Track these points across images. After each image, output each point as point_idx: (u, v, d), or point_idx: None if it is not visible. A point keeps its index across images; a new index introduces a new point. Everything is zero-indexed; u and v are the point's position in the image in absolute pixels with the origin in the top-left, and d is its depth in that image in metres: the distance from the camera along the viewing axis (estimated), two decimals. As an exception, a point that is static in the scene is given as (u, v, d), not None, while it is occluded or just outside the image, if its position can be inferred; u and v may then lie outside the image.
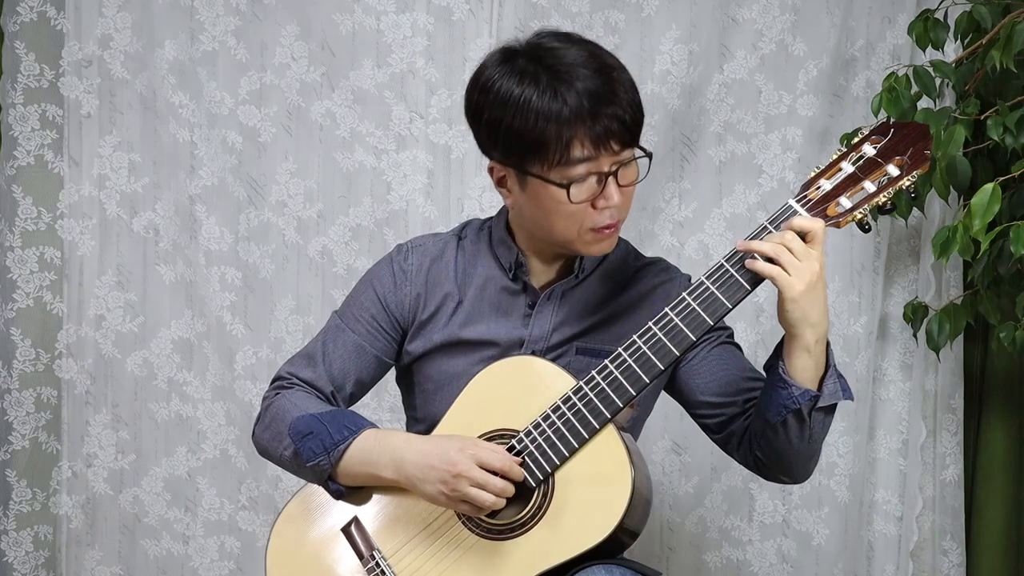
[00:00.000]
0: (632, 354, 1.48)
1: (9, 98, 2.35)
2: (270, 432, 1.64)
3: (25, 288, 2.39)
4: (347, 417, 1.60)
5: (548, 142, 1.47)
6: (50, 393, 2.43)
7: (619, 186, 1.51)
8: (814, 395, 1.47)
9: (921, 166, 1.43)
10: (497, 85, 1.51)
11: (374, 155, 2.40)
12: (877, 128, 1.47)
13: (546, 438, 1.50)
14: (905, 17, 2.34)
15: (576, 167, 1.48)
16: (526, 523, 1.50)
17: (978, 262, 2.16)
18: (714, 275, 1.47)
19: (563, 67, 1.48)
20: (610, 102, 1.47)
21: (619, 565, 1.50)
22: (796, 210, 1.45)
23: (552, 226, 1.54)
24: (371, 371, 1.70)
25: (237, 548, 2.46)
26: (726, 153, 2.40)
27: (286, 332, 2.41)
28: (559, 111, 1.46)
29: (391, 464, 1.54)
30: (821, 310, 1.43)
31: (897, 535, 2.43)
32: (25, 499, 2.41)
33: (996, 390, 2.37)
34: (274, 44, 2.38)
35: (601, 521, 1.46)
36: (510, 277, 1.65)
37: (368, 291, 1.69)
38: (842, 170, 1.46)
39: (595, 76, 1.47)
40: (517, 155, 1.51)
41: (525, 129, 1.48)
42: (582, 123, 1.46)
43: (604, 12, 2.36)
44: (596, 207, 1.51)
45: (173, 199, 2.41)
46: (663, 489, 2.41)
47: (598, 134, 1.47)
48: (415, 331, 1.67)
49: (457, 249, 1.69)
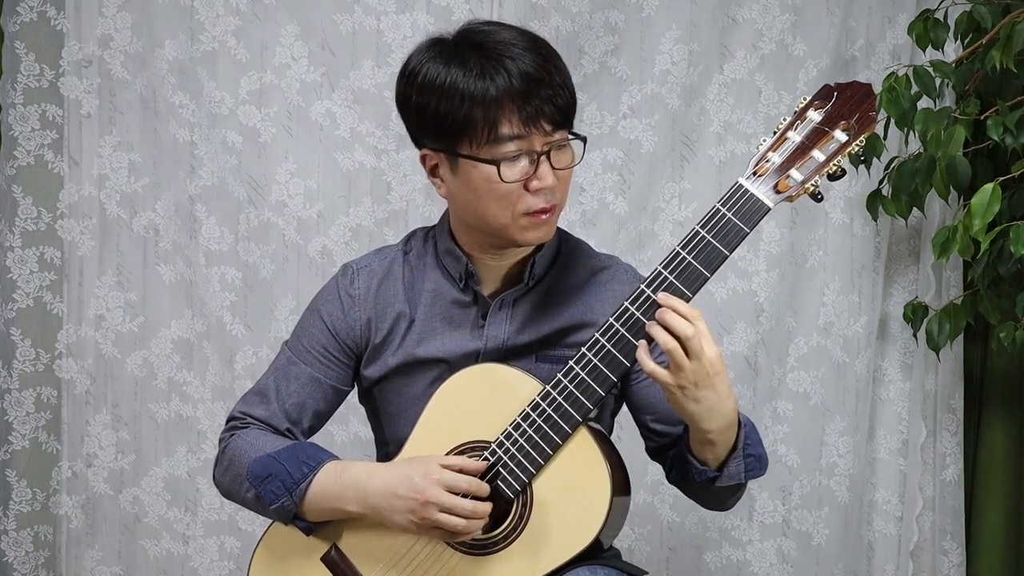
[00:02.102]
0: (597, 352, 1.44)
1: (9, 98, 2.35)
2: (229, 475, 1.60)
3: (25, 288, 2.39)
4: (305, 451, 1.55)
5: (475, 120, 1.44)
6: (50, 393, 2.43)
7: (553, 168, 1.48)
8: (713, 475, 1.48)
9: (868, 128, 1.40)
10: (423, 70, 1.49)
11: (374, 155, 2.40)
12: (820, 92, 1.43)
13: (519, 447, 1.46)
14: (905, 17, 2.34)
15: (506, 144, 1.45)
16: (508, 535, 1.48)
17: (978, 262, 2.16)
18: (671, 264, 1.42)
19: (493, 45, 1.47)
20: (541, 81, 1.45)
21: (603, 566, 1.49)
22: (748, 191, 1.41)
23: (485, 210, 1.50)
24: (328, 401, 1.66)
25: (237, 548, 2.45)
26: (726, 153, 2.40)
27: (286, 332, 2.41)
28: (486, 89, 1.44)
29: (355, 498, 1.50)
30: (712, 405, 1.40)
31: (897, 535, 2.43)
32: (25, 499, 2.41)
33: (996, 390, 2.37)
34: (274, 44, 2.38)
35: (584, 526, 1.44)
36: (460, 287, 1.60)
37: (316, 321, 1.64)
38: (789, 140, 1.42)
39: (526, 54, 1.46)
40: (447, 137, 1.48)
41: (452, 109, 1.46)
42: (511, 100, 1.44)
43: (604, 12, 2.36)
44: (530, 189, 1.47)
45: (173, 199, 2.41)
46: (663, 489, 2.41)
47: (529, 113, 1.44)
48: (369, 356, 1.63)
49: (404, 265, 1.64)
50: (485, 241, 1.57)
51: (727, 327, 2.36)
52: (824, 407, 2.41)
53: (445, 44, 1.51)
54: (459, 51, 1.48)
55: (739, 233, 1.41)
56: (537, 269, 1.60)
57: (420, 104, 1.50)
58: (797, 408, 2.42)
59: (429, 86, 1.48)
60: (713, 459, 1.47)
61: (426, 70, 1.49)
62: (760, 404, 2.40)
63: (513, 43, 1.47)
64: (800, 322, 2.41)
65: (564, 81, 1.48)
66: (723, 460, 1.47)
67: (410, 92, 1.52)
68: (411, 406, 1.59)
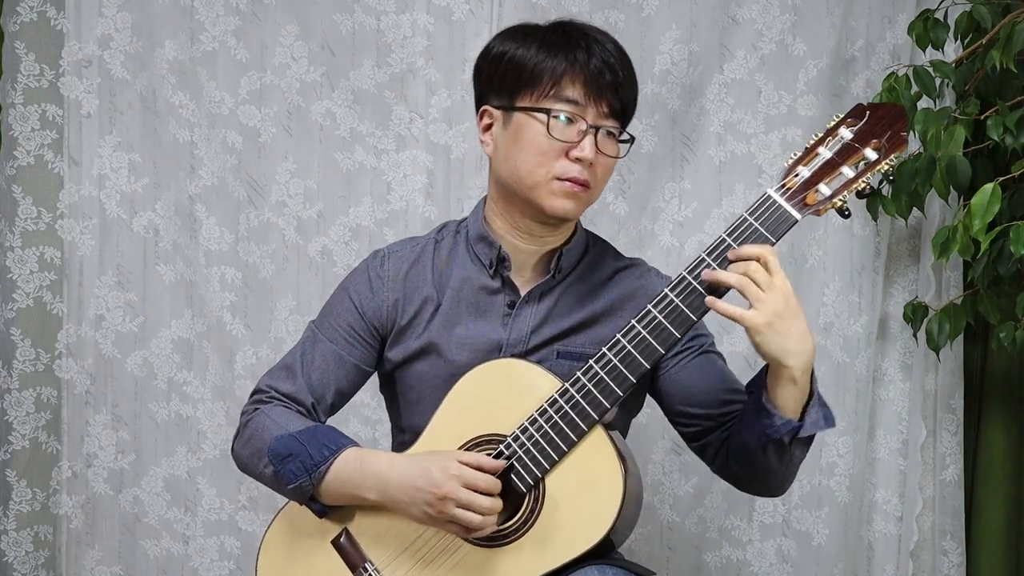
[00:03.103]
0: (617, 353, 1.46)
1: (9, 98, 2.35)
2: (249, 449, 1.62)
3: (25, 288, 2.39)
4: (327, 435, 1.58)
5: (543, 73, 1.53)
6: (50, 393, 2.43)
7: (597, 149, 1.54)
8: (795, 426, 1.46)
9: (899, 148, 1.42)
10: (507, 38, 1.60)
11: (374, 155, 2.40)
12: (853, 111, 1.45)
13: (534, 442, 1.48)
14: (905, 17, 2.34)
15: (563, 104, 1.53)
16: (518, 529, 1.49)
17: (978, 262, 2.16)
18: (695, 269, 1.44)
19: (580, 28, 1.58)
20: (614, 70, 1.54)
21: (612, 565, 1.50)
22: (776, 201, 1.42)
23: (524, 164, 1.55)
24: (350, 380, 1.68)
25: (237, 548, 2.46)
26: (726, 153, 2.40)
27: (286, 332, 2.41)
28: (562, 54, 1.53)
29: (375, 487, 1.52)
30: (798, 338, 1.40)
31: (897, 535, 2.43)
32: (25, 499, 2.41)
33: (996, 390, 2.37)
34: (274, 44, 2.38)
35: (594, 524, 1.45)
36: (490, 274, 1.63)
37: (344, 299, 1.67)
38: (819, 156, 1.43)
39: (609, 46, 1.56)
40: (511, 88, 1.56)
41: (526, 59, 1.55)
42: (581, 70, 1.53)
43: (604, 12, 2.36)
44: (569, 156, 1.53)
45: (173, 199, 2.41)
46: (663, 489, 2.41)
47: (594, 88, 1.53)
48: (394, 337, 1.65)
49: (434, 252, 1.67)
50: (518, 217, 1.61)
51: (727, 327, 2.36)
52: (824, 407, 2.41)
53: (526, 26, 1.61)
54: (545, 29, 1.59)
55: (765, 243, 1.42)
56: (564, 262, 1.63)
57: (496, 56, 1.58)
58: (797, 408, 2.42)
59: (509, 46, 1.57)
60: (793, 407, 1.46)
61: (509, 35, 1.60)
62: (760, 404, 2.40)
63: (600, 36, 1.57)
64: (800, 322, 2.41)
65: (633, 84, 1.59)
66: (801, 410, 1.46)
67: (490, 50, 1.61)
68: (430, 394, 1.60)
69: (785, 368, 1.41)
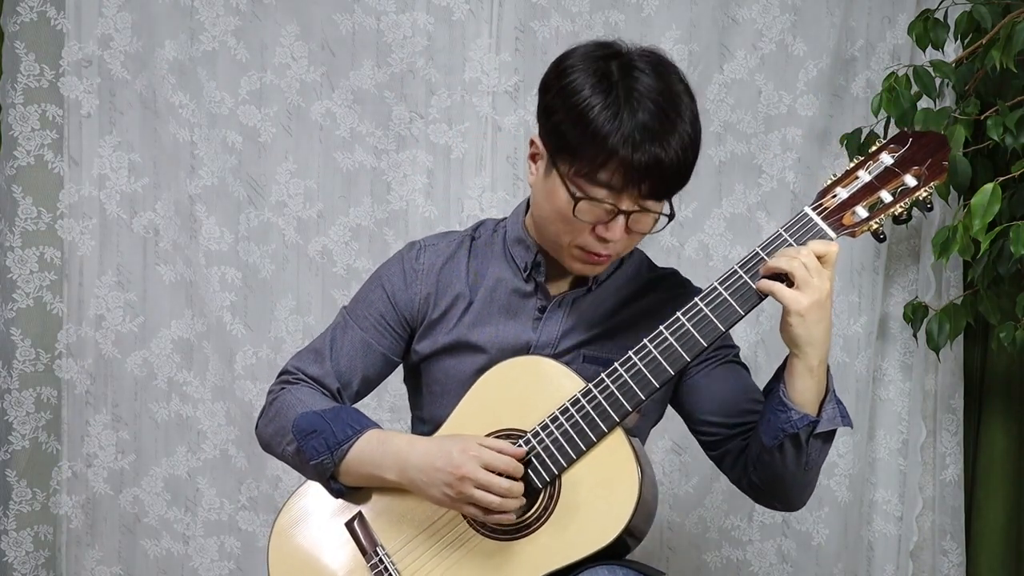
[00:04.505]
0: (643, 358, 1.47)
1: (9, 98, 2.35)
2: (273, 426, 1.63)
3: (25, 288, 2.39)
4: (351, 415, 1.59)
5: (584, 153, 1.44)
6: (50, 393, 2.43)
7: (627, 229, 1.48)
8: (812, 420, 1.46)
9: (938, 177, 1.43)
10: (574, 76, 1.46)
11: (374, 155, 2.40)
12: (895, 137, 1.46)
13: (554, 440, 1.49)
14: (905, 17, 2.34)
15: (597, 189, 1.45)
16: (531, 524, 1.49)
17: (978, 262, 2.16)
18: (727, 281, 1.45)
19: (645, 91, 1.43)
20: (661, 160, 1.42)
21: (622, 566, 1.50)
22: (813, 220, 1.44)
23: (549, 222, 1.53)
24: (378, 369, 1.69)
25: (237, 548, 2.46)
26: (726, 153, 2.40)
27: (286, 332, 2.41)
28: (609, 133, 1.41)
29: (395, 466, 1.53)
30: (825, 330, 1.42)
31: (897, 535, 2.43)
32: (25, 499, 2.41)
33: (996, 390, 2.37)
34: (274, 44, 2.38)
35: (607, 524, 1.45)
36: (524, 278, 1.63)
37: (377, 289, 1.68)
38: (859, 179, 1.45)
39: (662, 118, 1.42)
40: (554, 145, 1.48)
41: (573, 130, 1.44)
42: (625, 158, 1.41)
43: (604, 12, 2.36)
44: (595, 232, 1.49)
45: (173, 199, 2.41)
46: (663, 489, 2.41)
47: (633, 178, 1.43)
48: (424, 331, 1.66)
49: (470, 249, 1.67)
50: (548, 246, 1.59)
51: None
52: (824, 407, 2.41)
53: (610, 58, 1.47)
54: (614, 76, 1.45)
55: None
56: (602, 275, 1.63)
57: (552, 104, 1.49)
58: (797, 408, 2.42)
59: (570, 94, 1.46)
60: (811, 402, 1.46)
61: (577, 77, 1.46)
62: (760, 404, 2.40)
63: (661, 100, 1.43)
64: (800, 322, 2.41)
65: (685, 164, 1.45)
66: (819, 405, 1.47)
67: (552, 85, 1.50)
68: (455, 388, 1.61)
69: (805, 355, 1.43)
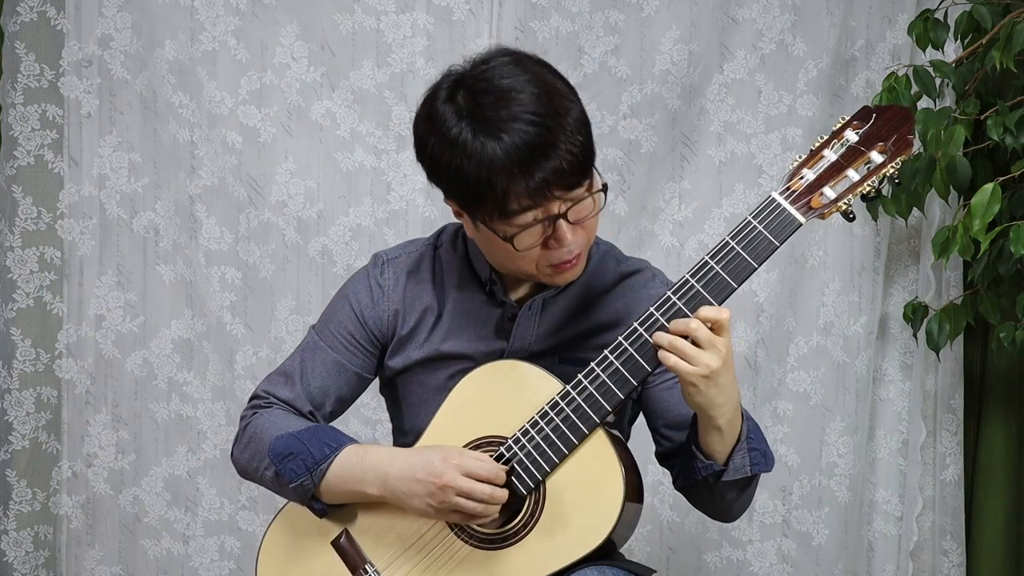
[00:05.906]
0: (619, 356, 1.44)
1: (9, 98, 2.35)
2: (249, 452, 1.61)
3: (25, 288, 2.39)
4: (327, 434, 1.57)
5: (485, 198, 1.41)
6: (50, 393, 2.43)
7: (572, 223, 1.45)
8: (718, 469, 1.47)
9: (904, 151, 1.40)
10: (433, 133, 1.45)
11: (374, 155, 2.40)
12: (859, 113, 1.43)
13: (535, 445, 1.47)
14: (905, 17, 2.34)
15: (517, 218, 1.42)
16: (519, 532, 1.48)
17: (978, 262, 2.16)
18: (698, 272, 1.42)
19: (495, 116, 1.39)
20: (545, 155, 1.38)
21: (611, 566, 1.49)
22: (780, 205, 1.41)
23: (507, 262, 1.51)
24: (351, 388, 1.66)
25: (237, 548, 2.45)
26: (726, 153, 2.40)
27: (286, 332, 2.41)
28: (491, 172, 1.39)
29: (375, 480, 1.51)
30: (726, 395, 1.41)
31: (897, 535, 2.43)
32: (25, 499, 2.41)
33: (996, 390, 2.37)
34: (274, 44, 2.38)
35: (595, 527, 1.44)
36: (486, 291, 1.61)
37: (345, 307, 1.65)
38: (824, 158, 1.42)
39: (530, 126, 1.38)
40: (459, 202, 1.47)
41: (462, 183, 1.42)
42: (519, 182, 1.38)
43: (604, 12, 2.36)
44: (549, 246, 1.46)
45: (173, 199, 2.41)
46: (663, 489, 2.41)
47: (534, 188, 1.39)
48: (395, 346, 1.64)
49: (434, 259, 1.65)
50: None
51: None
52: (824, 407, 2.41)
53: (454, 92, 1.45)
54: (464, 114, 1.42)
55: (769, 246, 1.41)
56: None
57: (433, 169, 1.47)
58: (797, 408, 2.42)
59: (439, 157, 1.44)
60: (720, 451, 1.47)
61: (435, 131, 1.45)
62: (760, 404, 2.40)
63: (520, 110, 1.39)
64: (800, 322, 2.41)
65: (572, 140, 1.40)
66: (729, 453, 1.47)
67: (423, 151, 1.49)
68: (432, 397, 1.59)
69: (709, 418, 1.44)
